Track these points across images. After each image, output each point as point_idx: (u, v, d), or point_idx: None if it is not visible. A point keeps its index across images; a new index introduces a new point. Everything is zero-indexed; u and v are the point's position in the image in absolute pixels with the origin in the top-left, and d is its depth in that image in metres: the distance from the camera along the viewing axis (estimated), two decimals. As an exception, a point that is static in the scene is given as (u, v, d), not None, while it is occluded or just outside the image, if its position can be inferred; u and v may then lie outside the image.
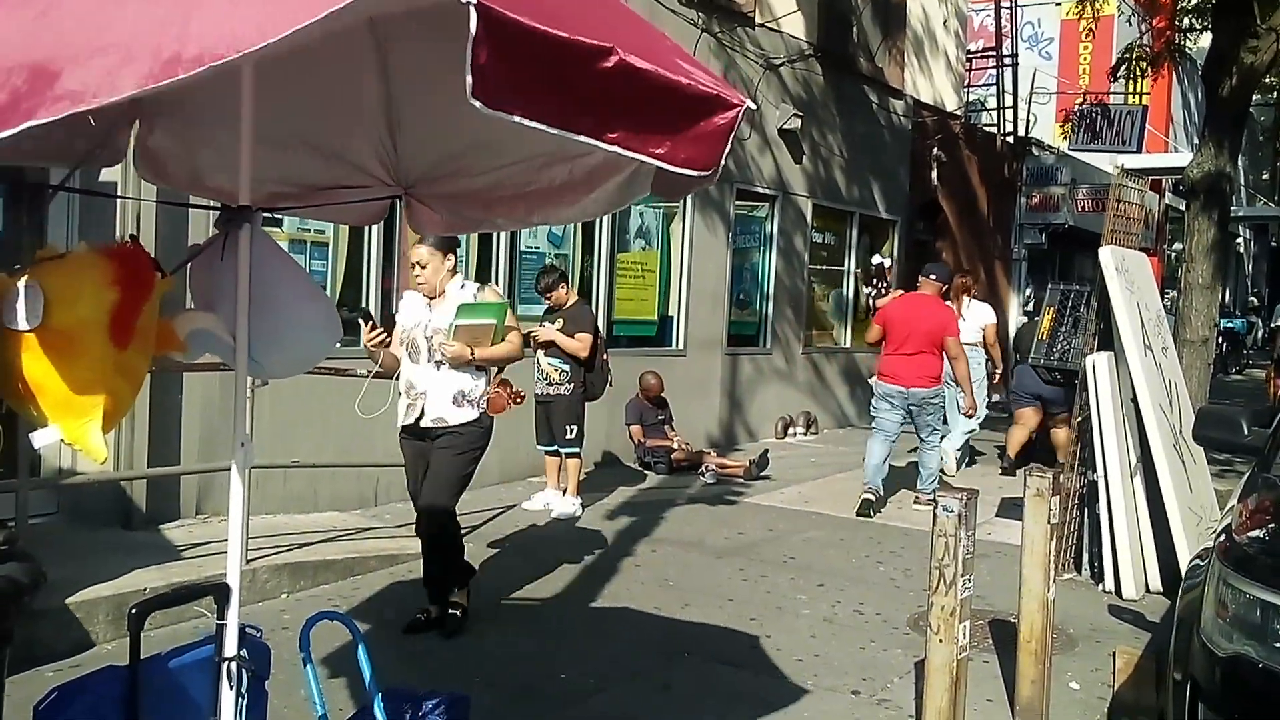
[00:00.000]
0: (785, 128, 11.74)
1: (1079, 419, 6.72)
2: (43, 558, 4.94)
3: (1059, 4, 23.24)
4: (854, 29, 13.35)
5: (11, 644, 2.63)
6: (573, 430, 7.80)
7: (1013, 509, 7.29)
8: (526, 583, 6.24)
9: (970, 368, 8.99)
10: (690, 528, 7.75)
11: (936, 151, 14.82)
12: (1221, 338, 19.59)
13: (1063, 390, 8.84)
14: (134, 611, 2.48)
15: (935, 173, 14.92)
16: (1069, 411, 7.66)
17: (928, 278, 8.75)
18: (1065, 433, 8.41)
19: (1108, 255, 6.57)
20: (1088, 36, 22.61)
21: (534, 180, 3.10)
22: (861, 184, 13.56)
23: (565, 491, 7.93)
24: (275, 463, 6.65)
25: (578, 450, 7.88)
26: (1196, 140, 11.61)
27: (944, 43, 15.51)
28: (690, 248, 10.81)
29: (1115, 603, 6.27)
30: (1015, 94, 17.53)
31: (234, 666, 2.60)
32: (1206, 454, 7.02)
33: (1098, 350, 6.66)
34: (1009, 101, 17.49)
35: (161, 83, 1.72)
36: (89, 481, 6.01)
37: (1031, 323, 10.61)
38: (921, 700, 4.05)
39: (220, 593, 2.62)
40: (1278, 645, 3.30)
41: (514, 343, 5.24)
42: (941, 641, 3.87)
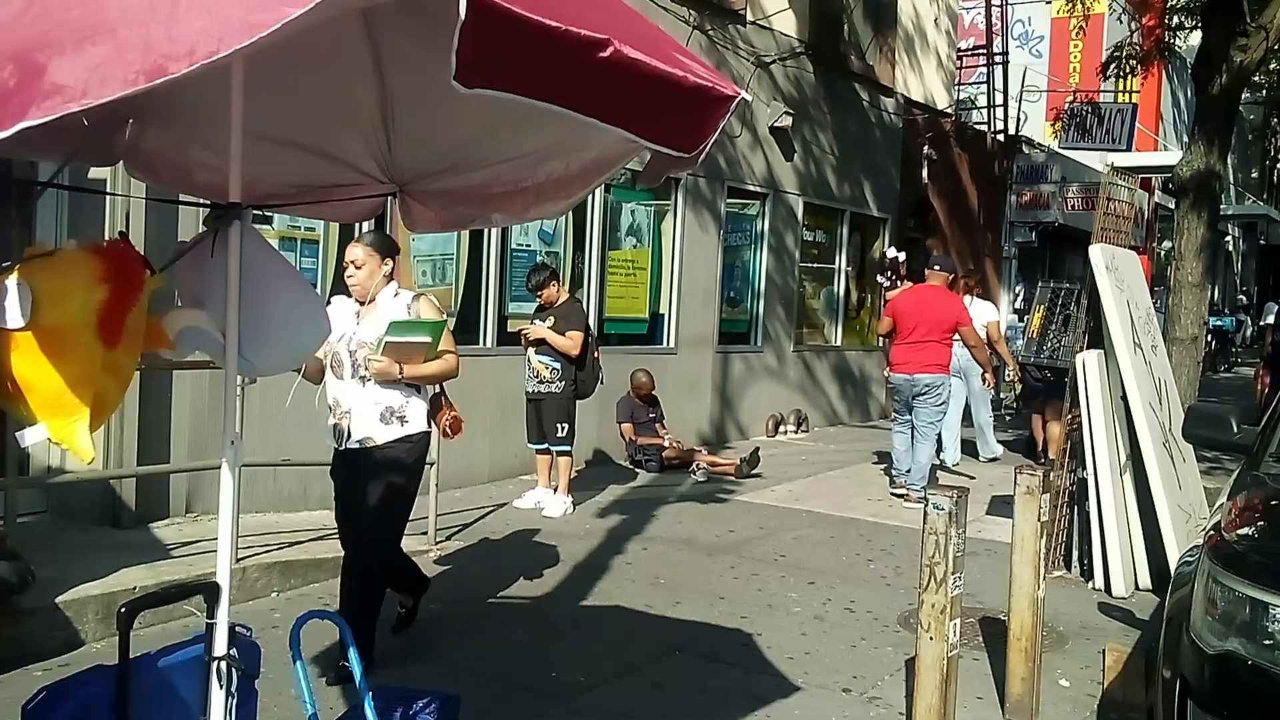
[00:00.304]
0: (776, 125, 11.75)
1: (1069, 417, 6.73)
2: (32, 556, 4.96)
3: (1049, 2, 23.28)
4: (845, 27, 13.36)
5: (0, 642, 2.62)
6: (564, 428, 7.80)
7: (1003, 506, 7.31)
8: (517, 581, 6.24)
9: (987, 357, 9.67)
10: (681, 526, 7.76)
11: (927, 149, 14.85)
12: (1211, 336, 19.69)
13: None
14: (123, 610, 2.47)
15: (926, 171, 14.95)
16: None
17: (934, 269, 9.11)
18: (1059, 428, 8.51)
19: (1098, 253, 6.58)
20: (1078, 34, 22.67)
21: (529, 176, 3.10)
22: (852, 182, 13.57)
23: (556, 490, 7.92)
24: (265, 461, 6.63)
25: (569, 448, 7.88)
26: (1186, 138, 11.64)
27: (935, 40, 15.53)
28: (681, 245, 10.81)
29: (1105, 600, 6.29)
30: (1006, 92, 17.57)
31: (224, 665, 2.59)
32: (1195, 452, 7.04)
33: (1088, 348, 6.67)
34: (999, 99, 17.54)
35: (153, 82, 1.71)
36: (78, 480, 5.99)
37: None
38: (912, 698, 4.06)
39: (210, 591, 2.61)
40: (1267, 642, 3.31)
41: (448, 361, 4.76)
42: (932, 639, 3.88)
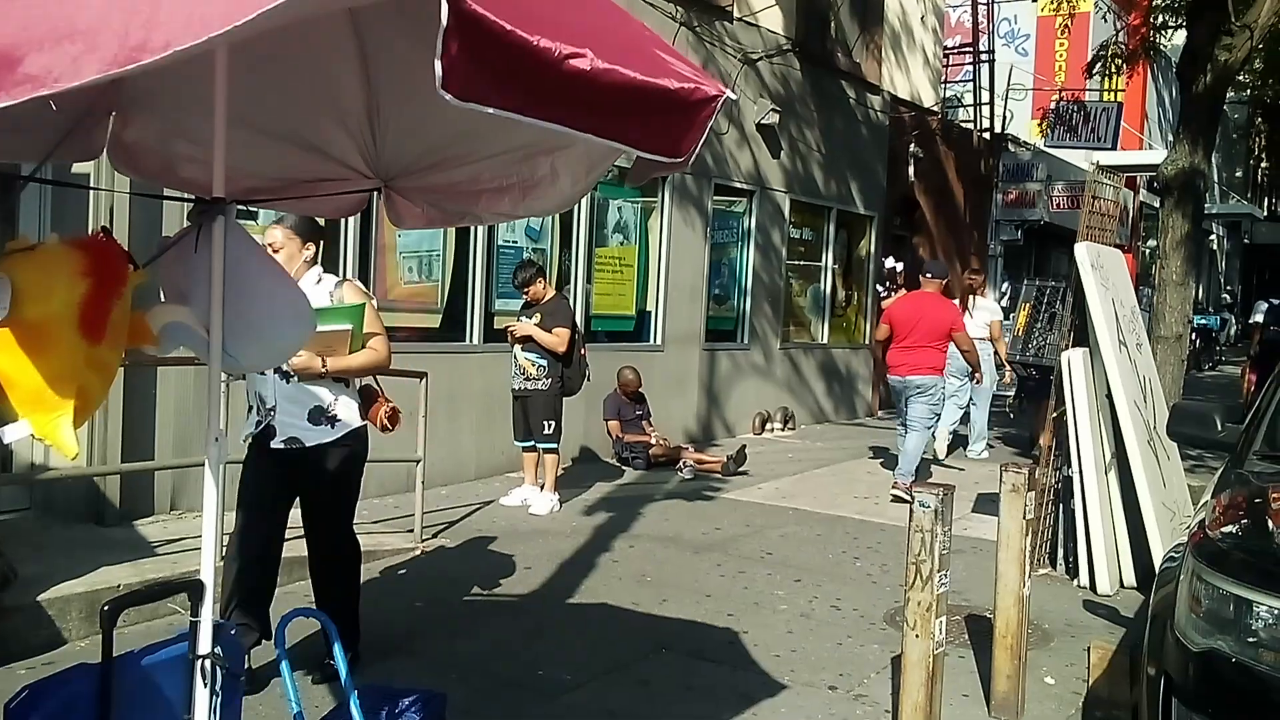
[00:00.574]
0: (763, 123, 11.75)
1: (1054, 415, 6.75)
2: (14, 554, 4.93)
3: (1035, 0, 23.36)
4: (832, 24, 13.37)
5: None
6: (550, 425, 7.78)
7: (989, 504, 7.32)
8: (503, 579, 6.22)
9: (982, 359, 10.06)
10: (668, 523, 7.75)
11: (914, 147, 14.88)
12: (1195, 334, 19.79)
13: None
14: (107, 608, 2.45)
15: (912, 168, 14.98)
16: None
17: (927, 276, 9.32)
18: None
19: (1083, 251, 6.60)
20: (1064, 33, 22.73)
21: (515, 173, 3.09)
22: (839, 179, 13.59)
23: (543, 487, 7.91)
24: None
25: (555, 446, 7.86)
26: (1171, 137, 11.69)
27: (921, 39, 15.56)
28: (668, 243, 10.81)
29: (1090, 598, 6.31)
30: (992, 90, 17.63)
31: (208, 664, 2.58)
32: (1179, 450, 7.07)
33: (1073, 346, 6.69)
34: (985, 97, 17.58)
35: (125, 68, 1.68)
36: (62, 477, 5.95)
37: None
38: (898, 695, 4.06)
39: (194, 589, 2.60)
40: (1250, 640, 3.32)
41: (378, 350, 4.40)
42: (918, 637, 3.88)
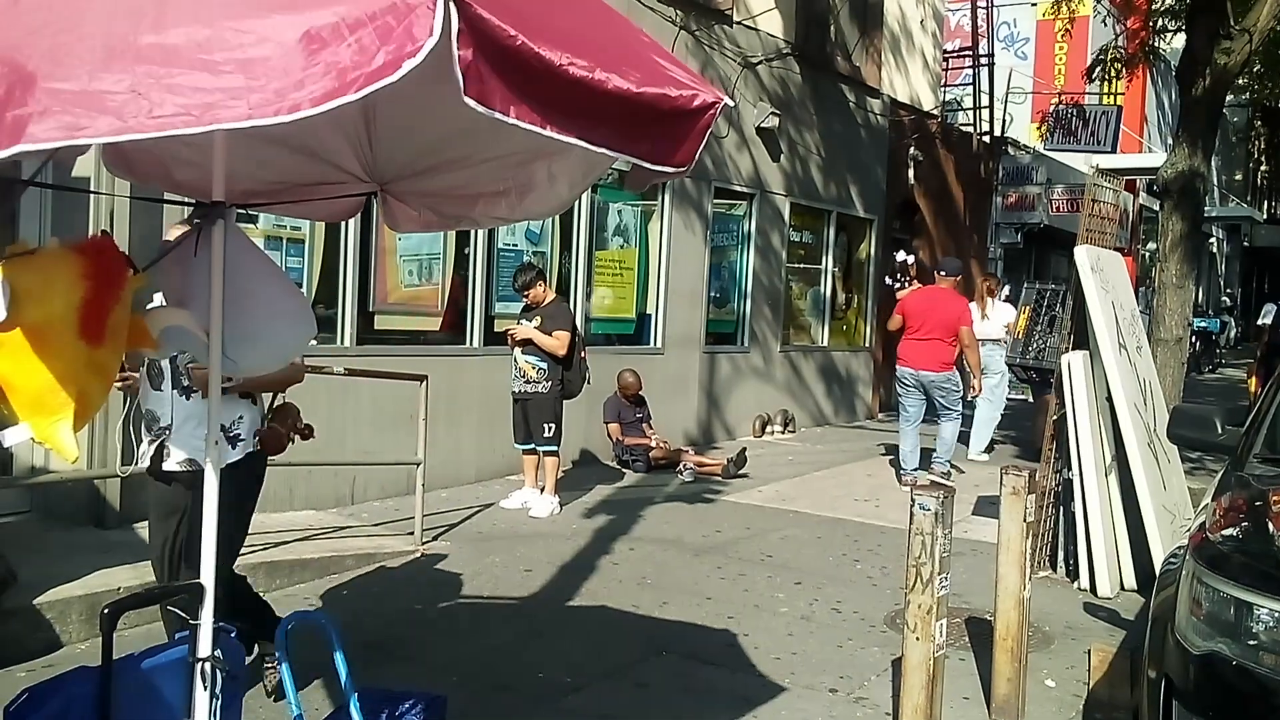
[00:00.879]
0: (763, 126, 11.75)
1: (1054, 417, 6.75)
2: (14, 557, 4.93)
3: (1035, 4, 23.39)
4: (831, 28, 13.37)
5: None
6: (550, 428, 7.78)
7: (989, 507, 7.32)
8: (503, 581, 6.22)
9: (997, 360, 10.56)
10: (668, 526, 7.75)
11: (913, 151, 14.88)
12: (1195, 337, 19.79)
13: None
14: (107, 611, 2.46)
15: (912, 172, 14.98)
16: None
17: (940, 273, 9.84)
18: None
19: (1083, 254, 6.60)
20: (1063, 37, 22.78)
21: (512, 177, 3.10)
22: (839, 183, 13.59)
23: (543, 490, 7.91)
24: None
25: (555, 448, 7.86)
26: (1170, 141, 11.70)
27: (921, 42, 15.56)
28: (668, 246, 10.81)
29: (1090, 600, 6.31)
30: (991, 94, 17.62)
31: (208, 667, 2.58)
32: (1179, 452, 7.07)
33: (1073, 349, 6.69)
34: (985, 101, 17.58)
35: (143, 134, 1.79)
36: (62, 480, 5.95)
37: None
38: (898, 698, 4.06)
39: (194, 592, 2.60)
40: (1251, 643, 3.32)
41: (294, 363, 3.91)
42: (918, 639, 3.88)
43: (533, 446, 7.90)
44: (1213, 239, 34.66)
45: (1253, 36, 8.35)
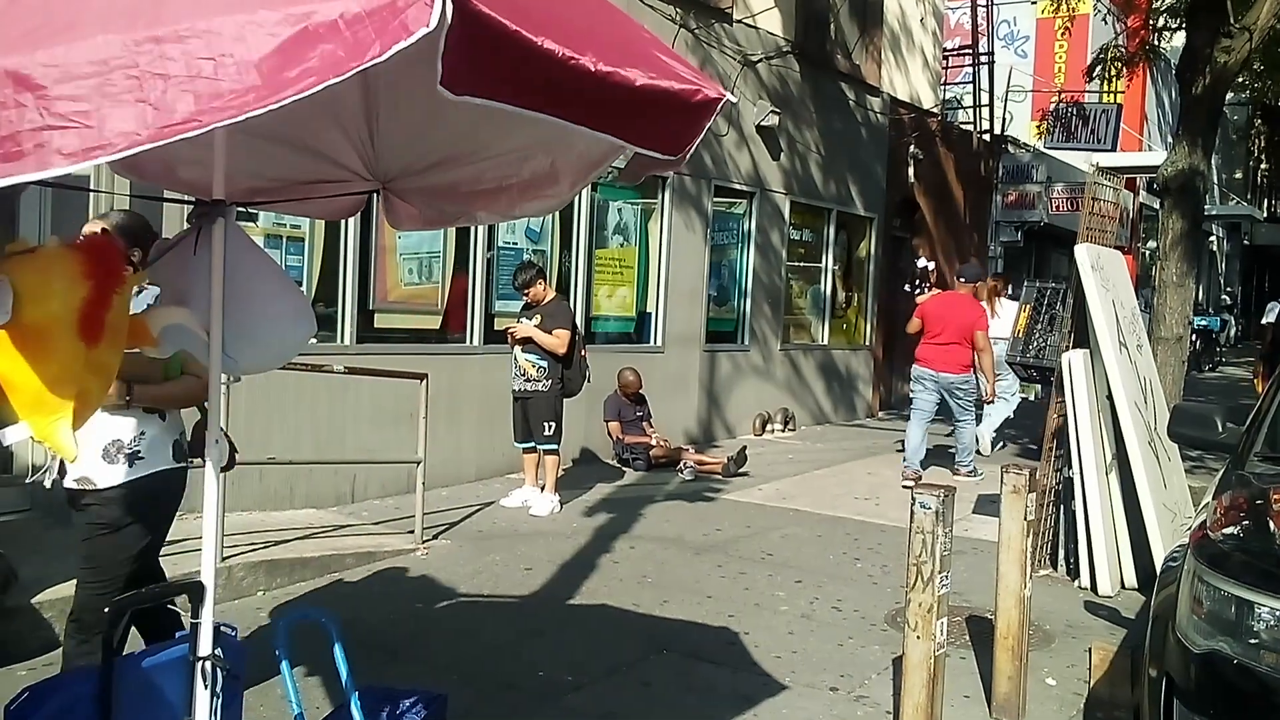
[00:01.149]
0: (763, 124, 11.74)
1: (1055, 416, 6.75)
2: (15, 555, 4.92)
3: (1034, 2, 23.38)
4: (831, 26, 13.36)
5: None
6: (550, 427, 7.78)
7: (990, 505, 7.32)
8: (504, 580, 6.22)
9: (1002, 359, 10.66)
10: (668, 524, 7.75)
11: (913, 149, 14.88)
12: (1195, 335, 19.79)
13: None
14: (108, 610, 2.45)
15: (912, 170, 14.98)
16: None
17: (959, 279, 10.33)
18: None
19: (1083, 253, 6.60)
20: (1063, 35, 22.77)
21: (514, 173, 3.09)
22: (839, 181, 13.59)
23: (543, 488, 7.91)
24: (250, 459, 6.59)
25: (555, 447, 7.86)
26: (1171, 139, 11.69)
27: (921, 40, 15.55)
28: (668, 244, 10.81)
29: (1091, 599, 6.31)
30: (991, 92, 17.62)
31: (209, 665, 2.58)
32: (1179, 451, 7.07)
33: (1073, 347, 6.69)
34: (985, 99, 17.58)
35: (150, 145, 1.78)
36: (61, 479, 5.93)
37: None
38: (899, 696, 4.06)
39: (195, 591, 2.60)
40: (1252, 641, 3.32)
41: (201, 378, 3.30)
42: (919, 638, 3.88)
43: (533, 445, 7.89)
44: (1213, 237, 34.66)
45: (1253, 35, 8.35)
